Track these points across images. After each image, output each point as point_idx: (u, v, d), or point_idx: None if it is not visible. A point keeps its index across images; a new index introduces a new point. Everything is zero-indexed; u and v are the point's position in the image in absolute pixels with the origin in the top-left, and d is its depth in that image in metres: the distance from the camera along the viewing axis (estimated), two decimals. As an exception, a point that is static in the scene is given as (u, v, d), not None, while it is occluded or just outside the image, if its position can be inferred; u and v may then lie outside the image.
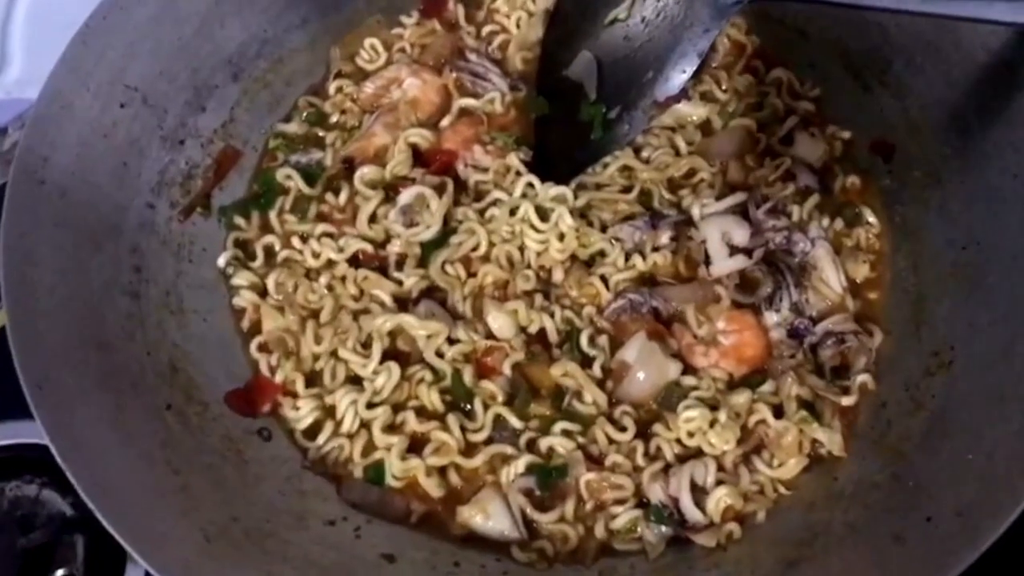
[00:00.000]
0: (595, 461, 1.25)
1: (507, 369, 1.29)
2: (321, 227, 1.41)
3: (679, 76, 1.28)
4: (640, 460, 1.24)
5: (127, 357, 1.22)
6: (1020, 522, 0.97)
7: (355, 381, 1.31)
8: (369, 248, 1.39)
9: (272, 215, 1.45)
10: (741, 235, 1.35)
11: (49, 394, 1.08)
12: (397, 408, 1.29)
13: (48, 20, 1.38)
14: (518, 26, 1.60)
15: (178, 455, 1.17)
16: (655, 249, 1.37)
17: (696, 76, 1.31)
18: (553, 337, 1.32)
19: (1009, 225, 1.23)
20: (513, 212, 1.38)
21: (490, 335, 1.32)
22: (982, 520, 0.98)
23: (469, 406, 1.29)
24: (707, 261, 1.35)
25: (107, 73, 1.32)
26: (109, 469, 1.08)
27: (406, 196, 1.39)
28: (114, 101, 1.33)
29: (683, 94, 1.29)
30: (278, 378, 1.31)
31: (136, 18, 1.35)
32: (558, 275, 1.36)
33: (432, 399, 1.28)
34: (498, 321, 1.31)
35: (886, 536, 1.07)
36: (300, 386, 1.31)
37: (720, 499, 1.20)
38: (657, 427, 1.27)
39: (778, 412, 1.26)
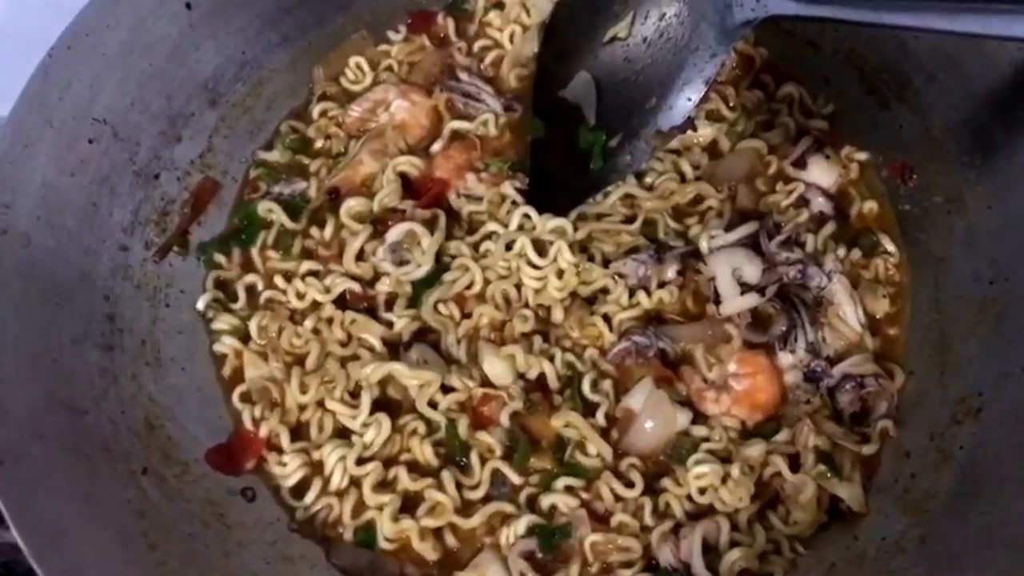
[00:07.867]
0: (600, 520, 1.17)
1: (505, 419, 1.22)
2: (306, 264, 1.33)
3: (684, 104, 1.18)
4: (648, 519, 1.17)
5: (99, 417, 1.15)
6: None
7: (343, 434, 1.24)
8: (357, 287, 1.30)
9: (254, 251, 1.36)
10: (753, 271, 1.26)
11: (13, 470, 1.01)
12: (388, 463, 1.21)
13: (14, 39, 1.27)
14: (511, 41, 1.50)
15: (155, 526, 1.09)
16: (661, 285, 1.29)
17: (702, 101, 1.21)
18: (553, 383, 1.24)
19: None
20: (509, 246, 1.30)
21: (486, 382, 1.24)
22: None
23: (464, 460, 1.21)
24: (716, 299, 1.26)
25: (73, 107, 1.23)
26: (79, 550, 1.01)
27: (395, 232, 1.31)
28: (81, 137, 1.24)
29: (689, 123, 1.20)
30: (262, 431, 1.24)
31: (103, 45, 1.26)
32: (558, 315, 1.28)
33: (425, 453, 1.21)
34: (495, 367, 1.23)
35: (912, 611, 1.01)
36: (285, 440, 1.23)
37: (735, 563, 1.13)
38: (666, 481, 1.19)
39: (793, 462, 1.19)
